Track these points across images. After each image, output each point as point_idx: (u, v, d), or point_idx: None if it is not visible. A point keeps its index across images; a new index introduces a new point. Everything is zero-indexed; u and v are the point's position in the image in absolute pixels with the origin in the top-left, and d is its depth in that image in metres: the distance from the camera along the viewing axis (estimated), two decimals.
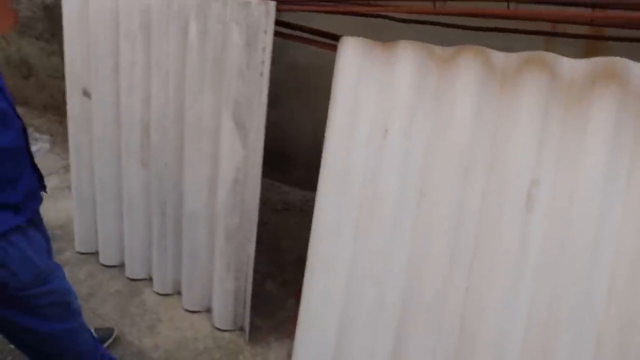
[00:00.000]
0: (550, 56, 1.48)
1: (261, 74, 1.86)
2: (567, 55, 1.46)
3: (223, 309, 2.20)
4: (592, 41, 1.61)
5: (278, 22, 1.87)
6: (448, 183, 1.61)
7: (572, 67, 1.47)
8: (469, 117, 1.56)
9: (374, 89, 1.69)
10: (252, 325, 2.19)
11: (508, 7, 1.43)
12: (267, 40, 1.82)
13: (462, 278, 1.62)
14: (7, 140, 1.42)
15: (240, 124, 1.94)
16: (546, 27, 1.59)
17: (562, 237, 1.48)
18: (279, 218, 3.01)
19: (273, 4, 1.77)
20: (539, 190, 1.50)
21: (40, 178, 1.61)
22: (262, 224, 2.88)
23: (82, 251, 2.66)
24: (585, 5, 1.34)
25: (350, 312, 1.78)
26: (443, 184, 1.61)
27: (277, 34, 1.88)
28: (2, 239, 1.41)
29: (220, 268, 2.14)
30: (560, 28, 1.56)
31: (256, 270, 2.53)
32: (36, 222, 1.57)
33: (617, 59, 1.42)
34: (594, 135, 1.43)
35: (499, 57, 1.55)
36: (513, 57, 1.53)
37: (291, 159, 3.02)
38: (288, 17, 1.93)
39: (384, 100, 1.67)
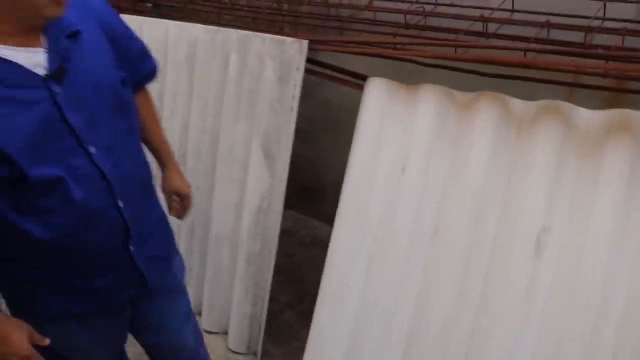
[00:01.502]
0: (566, 106, 1.49)
1: (291, 108, 1.93)
2: (590, 107, 1.46)
3: (238, 331, 2.23)
4: (614, 94, 1.61)
5: (310, 60, 1.96)
6: (460, 225, 1.61)
7: (587, 117, 1.47)
8: (484, 161, 1.57)
9: (396, 128, 1.72)
10: (265, 350, 2.20)
11: (525, 55, 1.46)
12: (298, 76, 1.89)
13: (468, 319, 1.60)
14: (89, 243, 1.23)
15: (269, 154, 2.01)
16: (568, 77, 1.61)
17: (570, 286, 1.45)
18: (305, 251, 3.04)
19: (306, 43, 1.85)
20: (549, 237, 1.49)
21: (141, 275, 1.38)
22: (289, 255, 2.93)
23: None
24: (599, 57, 1.36)
25: (358, 342, 1.78)
26: (456, 226, 1.62)
27: (308, 71, 1.95)
28: (60, 320, 1.29)
29: (239, 291, 2.18)
30: (582, 79, 1.57)
31: (277, 299, 2.56)
32: (115, 311, 1.40)
33: (631, 111, 1.41)
34: (607, 186, 1.41)
35: (517, 105, 1.57)
36: (530, 105, 1.55)
37: (321, 194, 3.07)
38: (320, 57, 2.01)
39: (405, 140, 1.70)
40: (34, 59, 1.07)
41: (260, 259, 2.11)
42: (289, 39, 1.89)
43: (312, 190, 3.08)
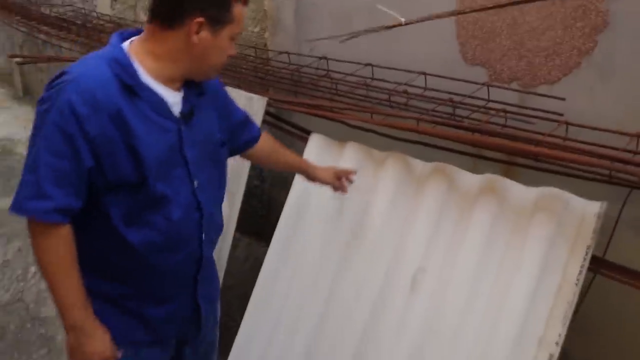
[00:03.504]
0: (452, 169, 1.71)
1: None
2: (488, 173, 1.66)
3: None
4: (507, 165, 1.82)
5: (278, 118, 2.27)
6: (361, 260, 1.81)
7: (467, 179, 1.68)
8: (385, 209, 1.79)
9: None
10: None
11: (418, 124, 1.71)
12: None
13: (353, 342, 1.77)
14: (170, 262, 1.37)
15: (229, 189, 2.30)
16: (473, 148, 1.81)
17: (433, 320, 1.62)
18: None
19: (265, 100, 2.16)
20: (424, 276, 1.68)
21: (197, 310, 1.49)
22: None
23: None
24: (467, 129, 1.59)
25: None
26: (358, 260, 1.82)
27: (272, 125, 2.26)
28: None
29: None
30: (483, 152, 1.79)
31: (235, 320, 2.77)
32: (164, 344, 1.49)
33: (499, 177, 1.62)
34: (472, 236, 1.61)
35: (418, 165, 1.80)
36: (427, 166, 1.78)
37: None
38: (295, 117, 2.30)
39: None
40: (175, 99, 1.31)
41: None
42: (255, 96, 2.20)
43: None
